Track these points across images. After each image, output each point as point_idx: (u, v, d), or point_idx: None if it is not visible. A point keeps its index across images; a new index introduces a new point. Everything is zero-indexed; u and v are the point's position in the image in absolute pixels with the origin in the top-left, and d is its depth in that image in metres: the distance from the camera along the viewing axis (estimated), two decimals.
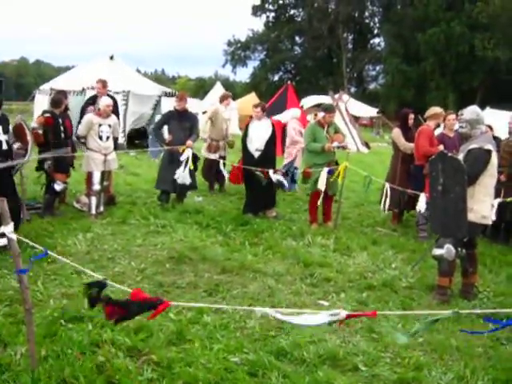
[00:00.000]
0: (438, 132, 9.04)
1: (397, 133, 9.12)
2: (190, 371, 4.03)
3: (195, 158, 9.77)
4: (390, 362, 4.43)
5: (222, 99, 11.78)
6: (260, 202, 9.38)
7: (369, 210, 10.63)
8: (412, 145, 8.66)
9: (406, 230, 9.08)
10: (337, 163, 8.87)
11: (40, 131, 8.32)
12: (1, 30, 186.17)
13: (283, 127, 14.70)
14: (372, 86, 66.09)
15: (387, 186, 8.66)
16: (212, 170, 11.42)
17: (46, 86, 20.32)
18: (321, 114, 9.04)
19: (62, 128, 8.71)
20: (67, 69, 32.40)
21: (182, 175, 9.51)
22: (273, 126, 9.69)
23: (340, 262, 7.11)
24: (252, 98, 28.96)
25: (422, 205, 7.93)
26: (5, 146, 6.66)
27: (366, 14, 62.76)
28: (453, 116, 8.71)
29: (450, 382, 4.14)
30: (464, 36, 43.62)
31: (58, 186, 8.56)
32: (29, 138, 7.69)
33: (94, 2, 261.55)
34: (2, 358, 4.05)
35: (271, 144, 9.53)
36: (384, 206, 8.75)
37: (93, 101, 10.12)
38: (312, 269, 6.66)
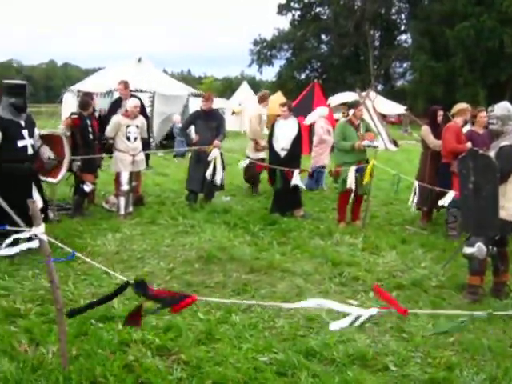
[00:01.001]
0: (467, 129, 8.90)
1: (426, 130, 9.00)
2: (219, 370, 4.04)
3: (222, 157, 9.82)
4: (420, 362, 4.37)
5: (262, 100, 11.52)
6: (286, 201, 9.34)
7: (397, 209, 10.52)
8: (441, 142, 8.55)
9: (436, 228, 8.96)
10: (367, 162, 8.76)
11: (68, 133, 8.40)
12: (30, 34, 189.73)
13: (310, 126, 14.66)
14: (400, 83, 65.50)
15: (416, 183, 8.57)
16: (256, 171, 11.24)
17: (73, 88, 20.61)
18: (351, 112, 8.95)
19: (90, 129, 8.81)
20: (94, 71, 32.77)
21: (217, 175, 9.62)
22: (299, 124, 9.65)
23: (369, 260, 7.05)
24: (278, 97, 28.91)
25: (446, 200, 7.80)
26: (30, 151, 6.70)
27: (393, 10, 62.16)
28: (484, 113, 8.55)
29: (482, 382, 4.07)
30: (494, 31, 42.88)
31: (86, 187, 8.66)
32: (66, 151, 7.76)
33: (122, 4, 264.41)
34: (35, 356, 4.11)
35: (297, 143, 9.49)
36: (412, 204, 8.66)
37: (118, 103, 10.17)
38: (340, 268, 6.62)
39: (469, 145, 7.93)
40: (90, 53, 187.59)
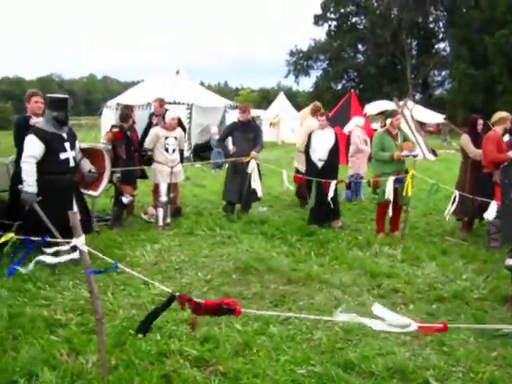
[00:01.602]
0: (507, 138, 8.73)
1: (465, 139, 8.85)
2: (257, 382, 4.02)
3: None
4: (462, 377, 4.26)
5: (315, 112, 11.09)
6: (324, 212, 9.27)
7: (437, 219, 10.34)
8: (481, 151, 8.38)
9: (477, 239, 8.77)
10: (406, 172, 8.62)
11: (109, 147, 8.51)
12: (71, 50, 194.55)
13: (347, 136, 14.58)
14: (438, 92, 64.70)
15: (456, 193, 8.41)
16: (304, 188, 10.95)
17: (112, 102, 20.97)
18: (388, 121, 8.86)
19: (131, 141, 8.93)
20: (133, 84, 33.37)
21: (256, 186, 9.65)
22: (336, 135, 9.60)
23: (408, 272, 6.94)
24: None
25: (491, 213, 7.64)
26: (72, 163, 6.78)
27: (430, 18, 61.53)
28: None
29: None
30: None
31: (125, 199, 8.77)
32: (107, 165, 7.87)
33: (161, 16, 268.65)
34: (75, 366, 4.16)
35: (334, 153, 9.43)
36: (448, 213, 8.49)
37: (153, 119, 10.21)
38: (379, 279, 6.53)
39: (510, 154, 7.77)
40: (127, 66, 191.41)
